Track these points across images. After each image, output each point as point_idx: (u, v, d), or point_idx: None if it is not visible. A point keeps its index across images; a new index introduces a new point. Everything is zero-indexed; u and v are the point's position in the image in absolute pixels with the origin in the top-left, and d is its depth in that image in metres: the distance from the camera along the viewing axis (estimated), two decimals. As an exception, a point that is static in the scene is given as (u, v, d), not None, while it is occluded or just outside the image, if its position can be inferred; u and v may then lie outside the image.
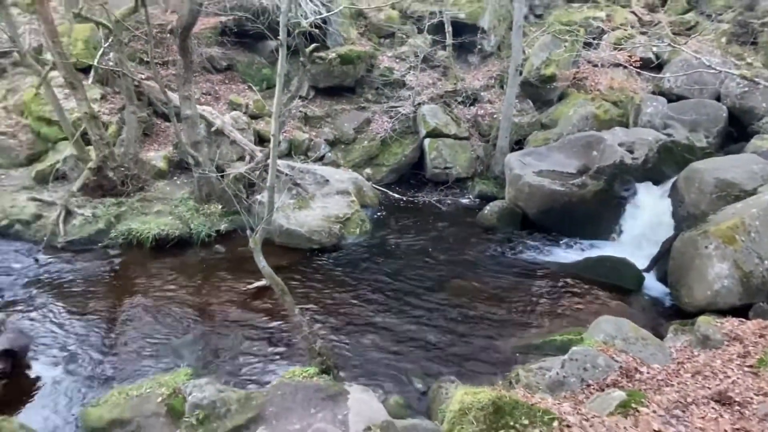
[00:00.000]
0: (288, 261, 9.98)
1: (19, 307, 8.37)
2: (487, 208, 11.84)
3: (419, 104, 14.76)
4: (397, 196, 13.13)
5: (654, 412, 4.45)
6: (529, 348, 7.37)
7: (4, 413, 5.54)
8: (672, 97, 13.28)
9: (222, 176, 10.77)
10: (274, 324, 8.06)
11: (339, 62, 14.82)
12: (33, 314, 8.22)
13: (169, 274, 9.57)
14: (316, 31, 11.69)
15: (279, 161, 9.09)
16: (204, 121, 12.36)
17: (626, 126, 12.87)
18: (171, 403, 5.39)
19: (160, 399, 5.49)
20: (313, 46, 9.64)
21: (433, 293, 9.02)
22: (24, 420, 5.71)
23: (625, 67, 13.54)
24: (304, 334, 6.42)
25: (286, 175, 11.52)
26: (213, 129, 12.65)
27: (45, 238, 10.21)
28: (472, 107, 15.24)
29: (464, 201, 13.44)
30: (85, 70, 13.24)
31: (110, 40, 11.69)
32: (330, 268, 9.93)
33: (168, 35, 14.14)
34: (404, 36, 16.56)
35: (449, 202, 13.23)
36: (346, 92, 15.63)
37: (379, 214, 12.47)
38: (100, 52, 12.94)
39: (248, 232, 6.28)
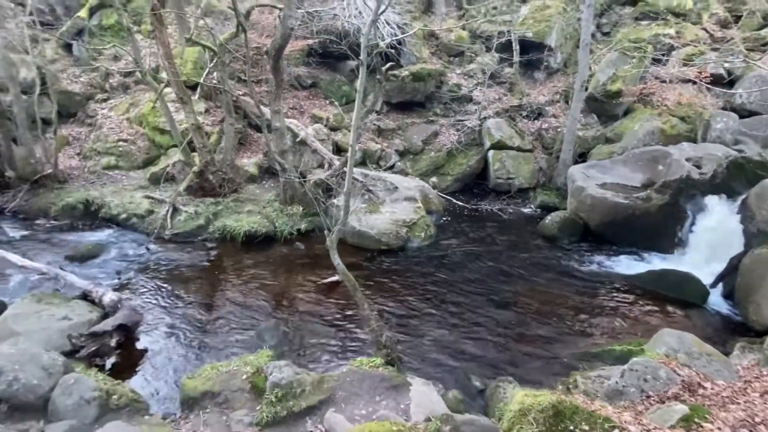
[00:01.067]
0: (359, 259, 10.07)
1: (133, 288, 8.98)
2: (549, 218, 11.33)
3: (485, 118, 14.46)
4: (460, 203, 12.89)
5: (719, 429, 4.04)
6: (587, 356, 6.94)
7: (118, 379, 5.99)
8: (744, 113, 12.10)
9: (304, 181, 11.07)
10: (345, 316, 8.14)
11: (411, 79, 14.84)
12: (143, 295, 8.79)
13: (256, 267, 9.92)
14: (392, 51, 11.78)
15: (354, 169, 9.23)
16: (290, 132, 12.77)
17: (694, 141, 11.88)
18: (254, 381, 5.55)
19: (245, 376, 5.65)
20: (388, 65, 9.70)
21: (493, 297, 8.75)
22: (133, 385, 6.14)
23: (695, 82, 12.56)
24: (371, 326, 6.44)
25: (360, 181, 11.66)
26: (298, 139, 13.05)
27: (155, 231, 10.93)
28: (536, 121, 14.72)
29: (526, 210, 12.98)
30: (193, 87, 13.98)
31: (214, 61, 12.31)
32: (396, 268, 9.91)
33: (262, 57, 14.74)
34: (473, 54, 16.30)
35: (511, 211, 12.83)
36: (416, 107, 15.62)
37: (443, 220, 12.30)
38: (205, 72, 13.68)
39: (326, 232, 6.39)
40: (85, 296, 8.09)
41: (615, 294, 8.81)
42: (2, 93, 12.52)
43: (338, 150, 13.96)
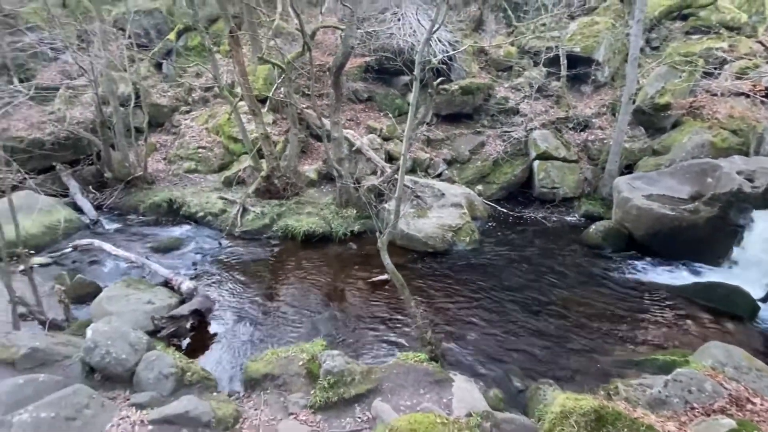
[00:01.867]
0: (406, 260, 10.06)
1: (207, 278, 9.40)
2: (593, 227, 10.82)
3: (531, 129, 14.05)
4: (505, 210, 12.57)
5: (769, 446, 3.70)
6: (629, 364, 6.58)
7: (191, 358, 6.28)
8: (801, 127, 11.08)
9: (358, 187, 11.20)
10: (392, 312, 8.14)
11: (460, 93, 14.68)
12: (215, 284, 9.19)
13: (313, 263, 10.13)
14: (443, 66, 11.71)
15: (405, 177, 9.25)
16: (347, 141, 12.95)
17: (746, 155, 10.99)
18: (309, 367, 5.67)
19: (301, 362, 5.78)
20: (440, 79, 9.63)
21: (535, 302, 8.46)
22: (204, 364, 6.42)
23: (749, 96, 11.62)
24: (417, 324, 6.41)
25: (410, 188, 11.65)
26: (354, 148, 13.22)
27: (227, 228, 11.41)
28: (582, 133, 14.13)
29: (569, 219, 12.46)
30: (263, 100, 14.46)
31: (282, 77, 12.70)
32: (442, 270, 9.81)
33: (324, 73, 15.05)
34: (521, 69, 15.89)
35: (555, 219, 12.36)
36: (464, 118, 15.41)
37: (488, 225, 12.05)
38: (274, 87, 14.14)
39: (377, 233, 6.43)
40: (166, 283, 8.58)
41: (659, 304, 8.29)
42: (104, 105, 13.47)
43: (390, 158, 14.02)
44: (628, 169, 12.66)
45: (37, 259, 9.48)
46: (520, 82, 15.55)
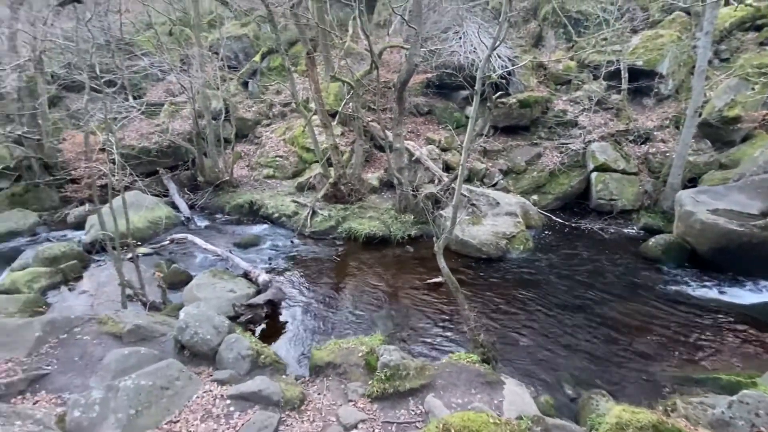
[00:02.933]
0: (460, 265, 9.85)
1: (280, 272, 9.78)
2: (653, 240, 9.99)
3: (589, 142, 13.30)
4: (560, 221, 11.97)
5: None
6: (689, 381, 5.98)
7: (265, 342, 6.56)
8: None
9: (416, 194, 11.18)
10: (445, 313, 8.01)
11: (518, 106, 14.22)
12: (287, 278, 9.54)
13: (373, 263, 10.21)
14: (503, 81, 11.40)
15: (462, 185, 9.11)
16: (408, 152, 12.98)
17: (826, 170, 9.68)
18: (368, 359, 5.70)
19: (360, 354, 5.83)
20: (498, 93, 9.39)
21: (589, 312, 7.95)
22: (275, 349, 6.67)
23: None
24: (470, 326, 6.25)
25: (466, 196, 11.44)
26: (413, 158, 13.22)
27: (298, 228, 11.84)
28: (643, 145, 13.14)
29: (627, 231, 11.59)
30: (333, 114, 14.83)
31: (351, 93, 13.01)
32: (495, 276, 9.51)
33: (389, 89, 15.20)
34: (580, 82, 15.12)
35: (612, 231, 11.56)
36: (521, 130, 14.90)
37: (542, 235, 11.52)
38: (343, 102, 14.52)
39: (434, 238, 6.37)
40: (245, 275, 9.03)
41: (722, 321, 7.47)
42: (200, 119, 14.52)
43: (447, 168, 13.87)
44: (691, 182, 11.58)
45: (142, 249, 10.36)
46: (579, 95, 14.79)
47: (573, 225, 11.93)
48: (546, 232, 11.67)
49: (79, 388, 5.02)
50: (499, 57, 12.79)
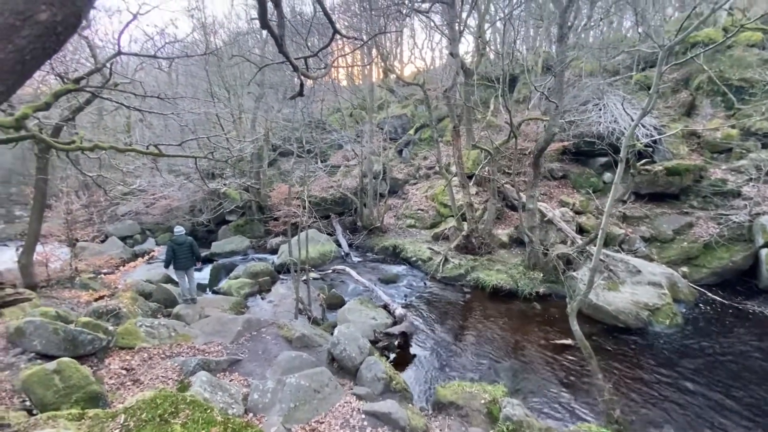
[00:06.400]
0: (592, 330, 8.37)
1: (412, 308, 9.76)
2: None
3: (757, 214, 10.37)
4: (718, 298, 9.35)
5: None
6: None
7: (397, 370, 6.50)
8: None
9: (547, 252, 10.16)
10: (573, 378, 6.79)
11: (665, 173, 12.03)
12: (419, 314, 9.45)
13: (499, 314, 9.44)
14: (648, 149, 9.91)
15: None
16: (540, 212, 12.05)
17: None
18: (490, 407, 5.14)
19: (483, 401, 5.31)
20: (643, 161, 8.15)
21: (748, 407, 5.82)
22: (404, 378, 6.57)
23: None
24: (604, 398, 5.17)
25: (603, 261, 9.91)
26: (545, 219, 12.19)
27: (431, 272, 11.81)
28: (840, 223, 9.66)
29: (820, 323, 8.39)
30: (470, 176, 14.85)
31: (488, 159, 12.90)
32: (633, 348, 7.79)
33: (524, 155, 14.64)
34: (743, 151, 12.16)
35: (794, 319, 8.53)
36: (668, 198, 12.46)
37: (694, 311, 9.13)
38: (480, 166, 14.46)
39: (567, 299, 5.61)
40: (385, 306, 9.25)
41: None
42: (364, 177, 16.12)
43: (581, 230, 12.33)
44: None
45: (312, 274, 11.61)
46: (743, 164, 11.83)
47: (735, 305, 9.19)
48: (698, 309, 9.23)
49: (259, 376, 5.67)
50: (643, 126, 11.23)
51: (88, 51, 8.47)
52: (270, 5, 2.59)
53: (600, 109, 12.05)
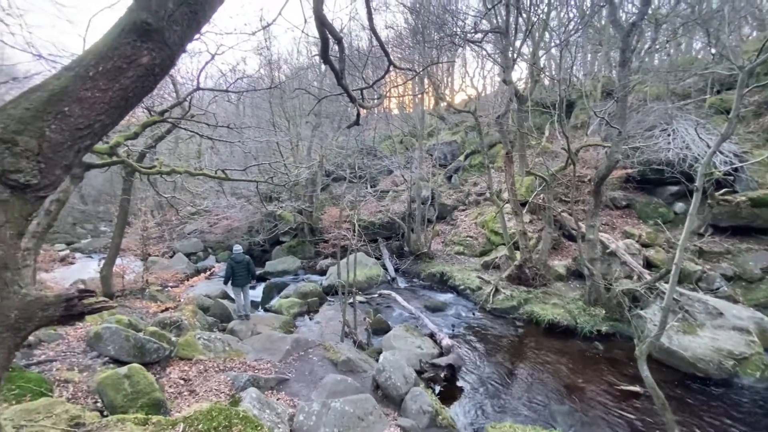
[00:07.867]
0: (664, 378, 7.41)
1: (460, 339, 9.34)
2: None
3: None
4: (828, 352, 7.92)
5: None
6: None
7: (443, 404, 6.20)
8: None
9: (610, 287, 9.35)
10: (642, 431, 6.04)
11: (749, 204, 10.75)
12: (467, 346, 9.03)
13: (554, 352, 8.73)
14: (728, 178, 8.96)
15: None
16: (601, 244, 11.22)
17: None
18: (545, 456, 4.71)
19: (537, 447, 4.89)
20: (723, 191, 7.35)
21: None
22: (451, 414, 6.24)
23: None
24: (684, 459, 4.51)
25: (677, 300, 8.91)
26: (608, 251, 11.31)
27: (481, 303, 11.30)
28: None
29: None
30: (523, 203, 14.36)
31: (543, 186, 12.39)
32: (716, 402, 6.77)
33: (583, 183, 13.90)
34: None
35: None
36: (755, 232, 11.05)
37: (796, 365, 7.79)
38: (534, 193, 13.93)
39: (636, 341, 5.07)
40: (431, 335, 8.96)
41: None
42: (413, 203, 16.18)
43: (648, 264, 11.25)
44: None
45: (359, 297, 11.65)
46: None
47: None
48: (801, 363, 7.85)
49: (305, 397, 5.70)
50: (722, 153, 10.21)
51: (171, 87, 9.57)
52: (331, 41, 2.77)
53: (669, 135, 11.17)
